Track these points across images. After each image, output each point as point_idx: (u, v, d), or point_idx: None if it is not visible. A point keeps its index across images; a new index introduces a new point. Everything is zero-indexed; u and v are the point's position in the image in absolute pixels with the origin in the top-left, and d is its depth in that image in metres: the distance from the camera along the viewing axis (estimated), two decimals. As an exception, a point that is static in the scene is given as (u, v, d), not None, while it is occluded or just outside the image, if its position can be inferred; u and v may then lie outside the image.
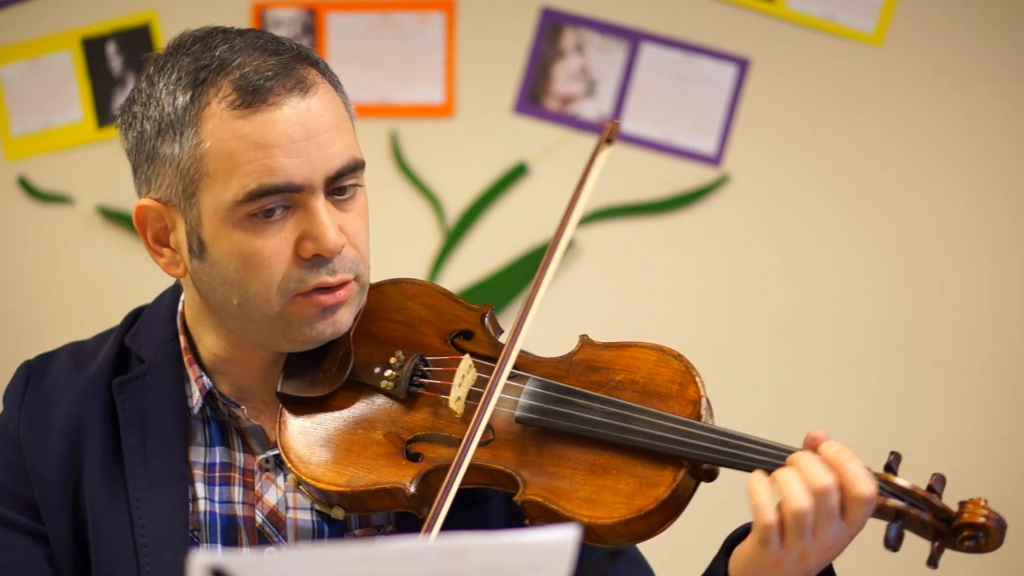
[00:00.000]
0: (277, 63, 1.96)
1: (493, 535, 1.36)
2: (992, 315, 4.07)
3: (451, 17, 4.12)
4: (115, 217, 4.14)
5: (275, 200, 1.94)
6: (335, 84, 2.02)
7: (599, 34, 4.11)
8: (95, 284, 4.16)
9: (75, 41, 4.17)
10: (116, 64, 4.17)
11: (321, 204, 1.95)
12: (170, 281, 2.19)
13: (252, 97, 1.93)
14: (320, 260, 1.96)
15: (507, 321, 2.03)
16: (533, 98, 4.12)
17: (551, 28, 4.12)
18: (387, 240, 3.93)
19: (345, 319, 2.00)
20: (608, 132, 2.08)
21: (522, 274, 4.12)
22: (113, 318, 2.24)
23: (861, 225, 4.08)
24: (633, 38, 4.10)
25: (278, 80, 1.94)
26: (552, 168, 4.13)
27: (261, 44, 1.99)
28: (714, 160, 4.10)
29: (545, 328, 2.12)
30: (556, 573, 1.36)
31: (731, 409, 2.95)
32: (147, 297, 2.21)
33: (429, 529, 1.85)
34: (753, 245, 4.09)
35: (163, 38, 4.15)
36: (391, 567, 1.32)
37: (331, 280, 1.96)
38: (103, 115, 4.18)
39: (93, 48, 4.17)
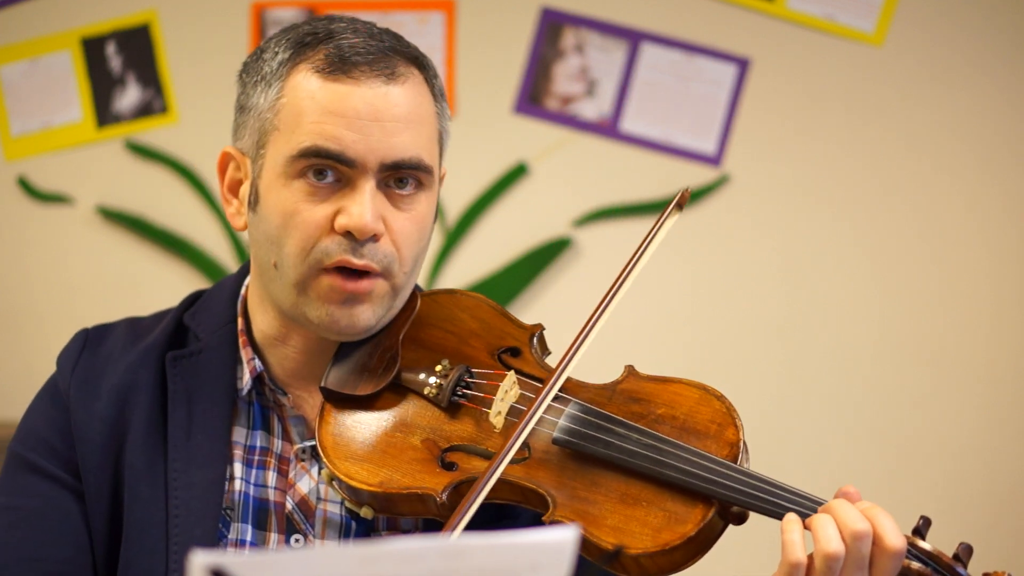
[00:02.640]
0: (376, 46, 2.00)
1: (493, 535, 1.36)
2: (992, 315, 4.07)
3: (451, 17, 4.13)
4: (115, 217, 4.14)
5: (325, 165, 1.96)
6: (435, 93, 2.04)
7: (599, 34, 4.11)
8: (95, 284, 4.16)
9: (75, 41, 4.17)
10: (116, 64, 4.17)
11: (368, 186, 1.97)
12: (172, 282, 2.19)
13: (337, 66, 1.97)
14: (351, 238, 1.97)
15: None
16: (533, 98, 4.12)
17: (551, 28, 4.12)
18: (387, 240, 3.93)
19: (365, 317, 2.01)
20: (679, 198, 2.10)
21: (522, 274, 4.12)
22: (113, 318, 2.24)
23: (861, 225, 4.08)
24: (633, 38, 4.10)
25: (367, 60, 1.98)
26: (552, 168, 4.13)
27: (375, 32, 2.04)
28: (714, 160, 4.10)
29: (546, 329, 2.12)
30: (556, 573, 1.36)
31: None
32: (146, 296, 2.22)
33: (450, 532, 1.86)
34: (753, 245, 4.09)
35: (163, 38, 4.15)
36: (391, 567, 1.32)
37: (354, 261, 1.97)
38: (103, 115, 4.18)
39: (93, 48, 4.17)
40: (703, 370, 4.04)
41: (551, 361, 2.07)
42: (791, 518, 1.85)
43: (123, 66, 4.17)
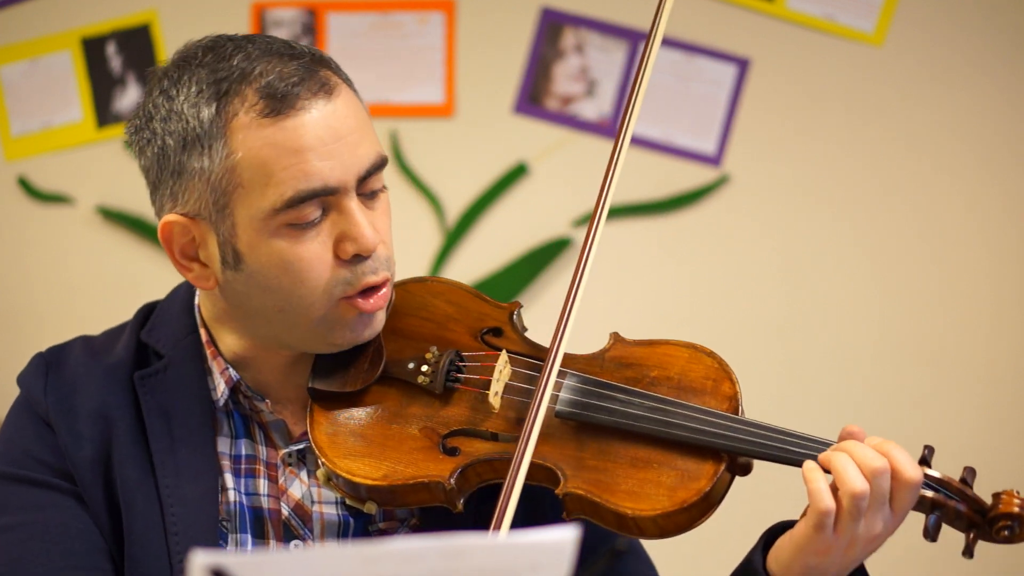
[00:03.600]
0: (299, 67, 1.96)
1: (493, 535, 1.36)
2: (992, 315, 4.07)
3: (451, 17, 4.13)
4: (115, 217, 4.14)
5: (312, 206, 1.94)
6: (349, 83, 2.03)
7: (599, 34, 4.11)
8: (95, 284, 4.16)
9: (75, 41, 4.17)
10: (116, 64, 4.17)
11: (355, 204, 1.96)
12: (172, 283, 2.19)
13: (280, 104, 1.93)
14: (359, 259, 1.97)
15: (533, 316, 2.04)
16: (533, 98, 4.12)
17: (551, 28, 4.12)
18: (387, 240, 3.93)
19: (381, 320, 2.02)
20: None
21: (522, 274, 4.12)
22: (113, 318, 2.24)
23: (860, 225, 4.08)
24: (633, 38, 4.10)
25: (303, 85, 1.94)
26: (552, 168, 4.13)
27: (276, 49, 1.98)
28: (714, 160, 4.10)
29: (546, 327, 2.12)
30: (556, 573, 1.36)
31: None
32: (146, 296, 2.21)
33: (497, 527, 1.85)
34: (752, 245, 4.10)
35: (163, 38, 4.15)
36: (391, 567, 1.32)
37: (375, 279, 1.98)
38: (103, 115, 4.18)
39: (93, 48, 4.17)
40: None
41: (531, 335, 2.07)
42: (812, 467, 1.86)
43: (123, 66, 4.17)
